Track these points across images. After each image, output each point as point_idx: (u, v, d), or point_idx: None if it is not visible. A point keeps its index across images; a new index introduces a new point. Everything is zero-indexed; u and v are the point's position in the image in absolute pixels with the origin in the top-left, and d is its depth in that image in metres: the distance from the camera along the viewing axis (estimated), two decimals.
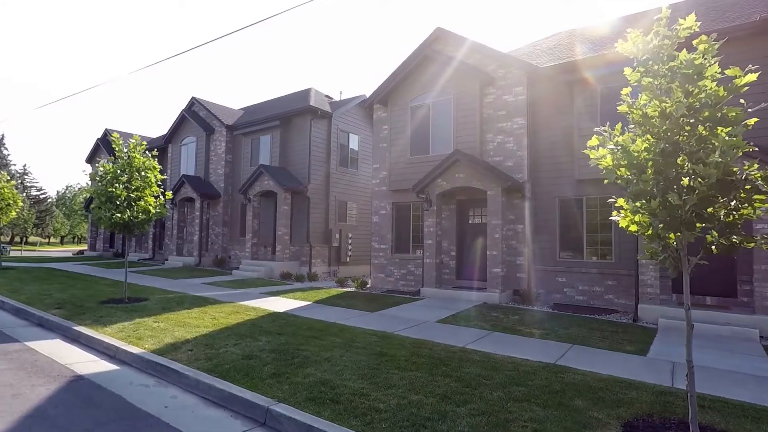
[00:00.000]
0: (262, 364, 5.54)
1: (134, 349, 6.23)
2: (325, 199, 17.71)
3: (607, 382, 5.24)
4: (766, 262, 8.46)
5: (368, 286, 14.12)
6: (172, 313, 8.74)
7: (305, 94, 19.61)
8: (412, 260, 13.72)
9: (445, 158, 12.09)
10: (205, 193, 19.42)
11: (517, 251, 11.85)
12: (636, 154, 3.82)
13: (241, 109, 22.99)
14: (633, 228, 4.02)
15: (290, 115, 17.61)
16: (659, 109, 3.82)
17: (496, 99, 12.42)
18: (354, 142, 19.32)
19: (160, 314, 8.57)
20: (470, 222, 12.99)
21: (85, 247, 37.71)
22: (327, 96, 20.48)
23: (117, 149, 10.05)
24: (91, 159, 28.42)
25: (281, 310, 9.43)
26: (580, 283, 11.23)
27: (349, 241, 18.44)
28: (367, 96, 19.45)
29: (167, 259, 20.78)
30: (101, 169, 9.93)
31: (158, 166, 10.48)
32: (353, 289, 13.65)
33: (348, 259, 18.33)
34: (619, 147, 3.95)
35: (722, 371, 5.96)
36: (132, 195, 9.89)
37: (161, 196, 10.59)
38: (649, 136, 3.87)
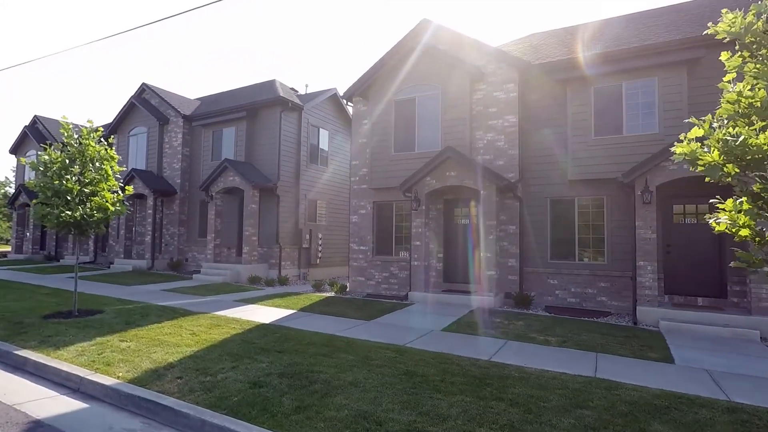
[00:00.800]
0: (278, 394, 4.59)
1: (105, 379, 5.03)
2: (294, 197, 16.57)
3: (666, 398, 4.81)
4: None
5: (348, 290, 13.23)
6: (139, 328, 7.44)
7: (270, 85, 18.32)
8: (395, 262, 13.02)
9: (435, 155, 11.49)
10: (159, 189, 17.59)
11: (509, 253, 11.49)
12: (755, 148, 3.32)
13: (198, 99, 21.19)
14: (744, 233, 3.50)
15: (258, 106, 16.30)
16: None
17: (486, 95, 12.00)
18: (324, 138, 18.30)
19: (125, 330, 7.26)
20: (458, 223, 12.49)
21: (8, 248, 33.56)
22: (292, 89, 19.29)
23: (66, 135, 8.50)
24: (16, 149, 25.17)
25: (267, 321, 8.37)
26: (572, 285, 11.04)
27: (320, 242, 17.42)
28: (339, 90, 18.60)
29: (112, 263, 18.65)
30: (46, 157, 8.35)
31: (117, 156, 9.03)
32: (333, 294, 12.72)
33: (318, 261, 17.31)
34: (731, 139, 3.44)
35: (759, 378, 5.75)
36: (85, 190, 8.41)
37: (120, 191, 9.14)
38: None
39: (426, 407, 4.32)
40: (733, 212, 3.51)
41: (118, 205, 8.83)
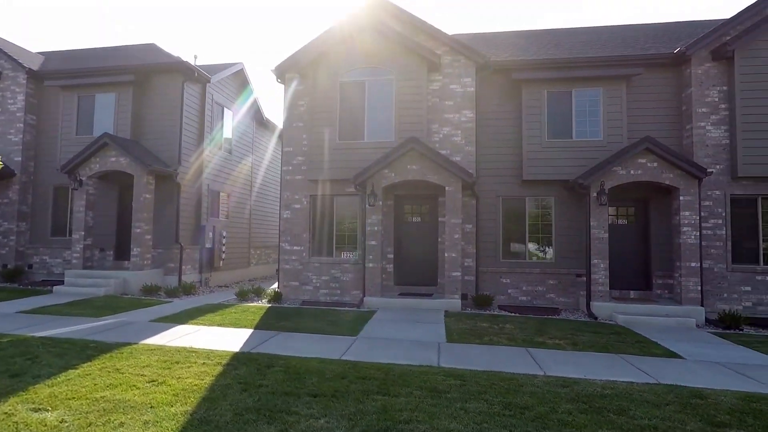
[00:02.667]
0: None
1: None
2: (197, 187, 13.63)
3: (744, 399, 4.77)
4: (689, 260, 9.76)
5: (282, 298, 11.27)
6: (48, 381, 4.77)
7: (152, 49, 14.83)
8: (337, 264, 11.56)
9: (398, 146, 10.45)
10: None
11: (466, 252, 11.12)
12: None
13: (42, 53, 16.04)
14: None
15: (151, 70, 12.88)
16: None
17: (442, 87, 11.43)
18: (228, 120, 15.56)
19: (23, 388, 4.56)
20: (411, 221, 11.66)
21: None
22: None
23: None
24: None
25: (236, 349, 6.30)
26: (523, 283, 11.20)
27: (224, 242, 14.74)
28: (244, 66, 16.12)
29: None
30: None
31: None
32: (266, 303, 10.66)
33: (221, 263, 14.62)
34: None
35: (730, 363, 6.26)
36: None
37: None
38: None
39: None
40: None
41: None
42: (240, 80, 16.22)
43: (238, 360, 5.68)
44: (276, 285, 14.73)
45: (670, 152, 9.87)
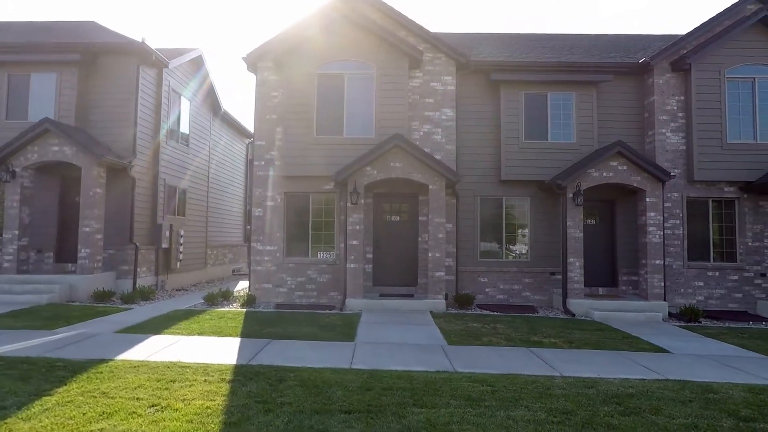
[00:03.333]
0: None
1: None
2: (152, 181, 12.44)
3: (751, 392, 5.05)
4: (654, 258, 10.38)
5: (256, 301, 10.56)
6: (16, 414, 3.98)
7: (94, 27, 13.39)
8: (314, 265, 11.05)
9: (381, 143, 10.15)
10: None
11: (447, 252, 11.03)
12: None
13: None
14: None
15: (100, 49, 11.50)
16: None
17: (423, 84, 11.28)
18: (185, 110, 14.39)
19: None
20: (390, 219, 11.40)
21: None
22: None
23: None
24: None
25: (234, 361, 5.68)
26: (500, 282, 11.36)
27: (181, 241, 13.61)
28: (202, 52, 15.03)
29: None
30: None
31: None
32: (240, 307, 9.94)
33: (178, 265, 13.50)
34: None
35: (712, 356, 6.71)
36: None
37: None
38: None
39: None
40: None
41: None
42: (197, 68, 15.06)
43: (242, 374, 5.12)
44: (239, 287, 13.90)
45: (639, 156, 10.43)
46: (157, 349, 6.22)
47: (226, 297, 10.65)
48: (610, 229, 11.61)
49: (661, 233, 10.44)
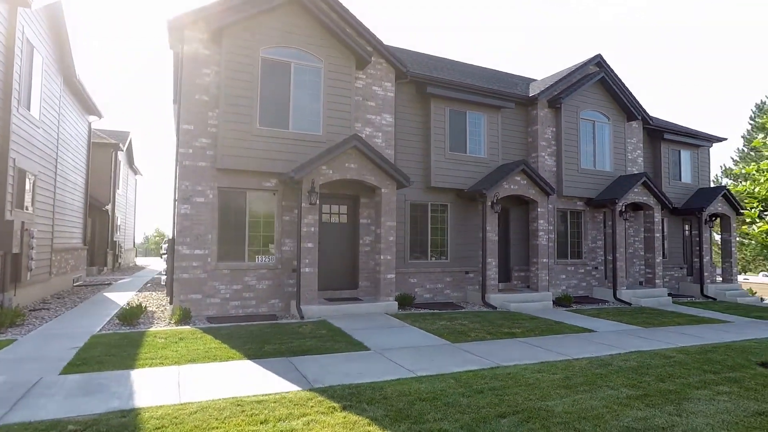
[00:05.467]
0: None
1: None
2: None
3: (700, 352, 7.07)
4: (543, 257, 12.85)
5: (191, 316, 8.76)
6: None
7: None
8: (252, 270, 9.84)
9: (341, 142, 9.78)
10: None
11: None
12: None
13: None
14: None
15: None
16: None
17: (365, 87, 11.28)
18: (38, 69, 10.79)
19: None
20: (330, 222, 10.96)
21: None
22: None
23: None
24: None
25: (309, 388, 4.89)
26: (427, 282, 12.21)
27: (33, 245, 10.19)
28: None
29: None
30: None
31: None
32: (175, 325, 8.15)
33: (29, 276, 10.08)
34: None
35: (622, 331, 9.08)
36: None
37: None
38: None
39: None
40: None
41: None
42: (55, 17, 11.48)
43: (337, 398, 4.51)
44: (119, 301, 11.16)
45: (535, 173, 12.72)
46: (169, 386, 4.83)
47: (135, 315, 8.50)
48: (504, 234, 13.73)
49: (547, 237, 12.96)
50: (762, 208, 6.91)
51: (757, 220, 7.02)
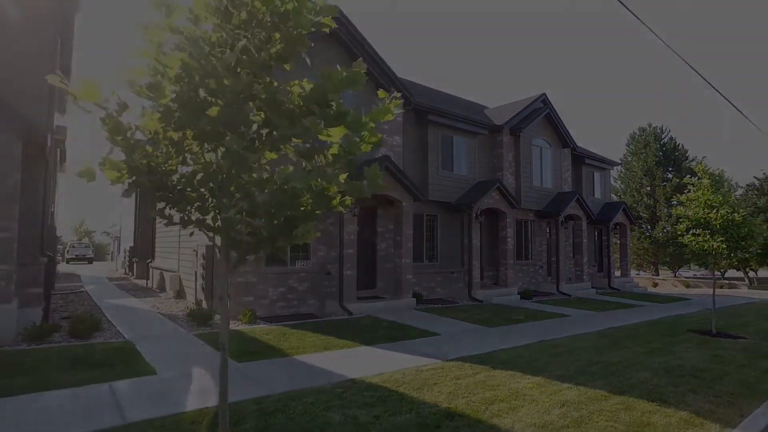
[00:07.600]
0: None
1: None
2: None
3: (678, 320, 10.06)
4: (509, 259, 15.63)
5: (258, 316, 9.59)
6: None
7: None
8: (294, 274, 10.90)
9: (372, 159, 11.28)
10: None
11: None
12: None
13: None
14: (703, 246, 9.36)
15: None
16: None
17: None
18: None
19: None
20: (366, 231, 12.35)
21: None
22: None
23: None
24: None
25: (480, 353, 6.54)
26: (425, 280, 14.18)
27: None
28: None
29: None
30: None
31: None
32: (247, 325, 9.02)
33: None
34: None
35: (588, 315, 12.09)
36: None
37: None
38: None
39: None
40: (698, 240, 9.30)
41: None
42: None
43: (481, 363, 6.29)
44: (155, 304, 11.28)
45: (506, 189, 15.44)
46: (351, 363, 6.17)
47: (212, 317, 9.19)
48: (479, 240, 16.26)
49: (513, 242, 15.77)
50: (690, 225, 10.07)
51: (685, 234, 10.19)
